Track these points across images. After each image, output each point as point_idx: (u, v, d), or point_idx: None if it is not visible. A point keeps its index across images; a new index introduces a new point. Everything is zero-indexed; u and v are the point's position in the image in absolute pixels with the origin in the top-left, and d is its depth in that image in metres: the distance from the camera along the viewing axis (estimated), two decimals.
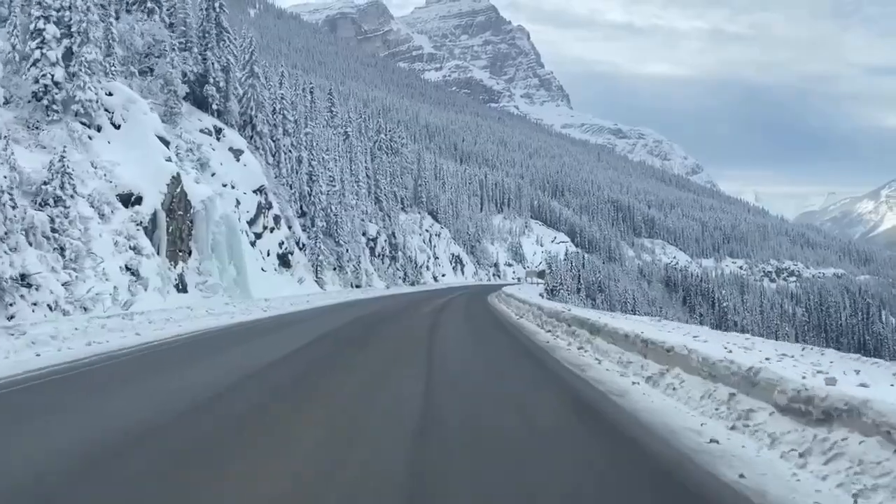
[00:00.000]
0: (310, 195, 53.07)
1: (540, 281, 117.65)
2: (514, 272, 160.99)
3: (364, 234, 71.70)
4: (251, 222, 41.68)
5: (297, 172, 52.91)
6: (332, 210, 55.56)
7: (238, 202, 40.30)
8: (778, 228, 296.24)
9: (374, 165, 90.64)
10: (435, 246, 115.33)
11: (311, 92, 76.32)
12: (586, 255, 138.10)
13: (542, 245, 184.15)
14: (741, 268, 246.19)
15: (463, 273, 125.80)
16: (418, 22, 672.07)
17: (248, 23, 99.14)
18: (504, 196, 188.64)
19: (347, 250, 57.35)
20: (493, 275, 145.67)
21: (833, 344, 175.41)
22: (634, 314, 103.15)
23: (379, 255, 78.00)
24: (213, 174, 38.57)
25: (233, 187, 40.97)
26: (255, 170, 43.46)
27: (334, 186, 59.60)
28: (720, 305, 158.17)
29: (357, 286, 56.93)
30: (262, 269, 40.18)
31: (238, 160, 42.95)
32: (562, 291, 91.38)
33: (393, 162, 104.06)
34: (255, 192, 42.82)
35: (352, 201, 69.52)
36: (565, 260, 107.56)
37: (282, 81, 56.35)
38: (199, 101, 44.33)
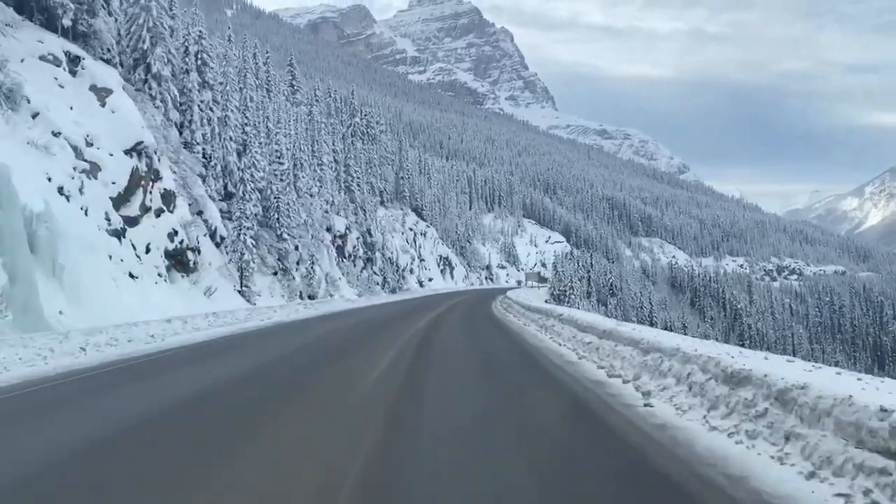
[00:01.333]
0: (239, 171, 36.87)
1: (540, 284, 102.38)
2: (507, 274, 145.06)
3: (329, 230, 55.62)
4: (119, 200, 25.53)
5: (218, 138, 36.75)
6: (273, 193, 39.41)
7: (91, 169, 24.17)
8: (775, 225, 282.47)
9: (345, 148, 74.64)
10: (420, 246, 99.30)
11: (262, 56, 60.29)
12: (592, 255, 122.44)
13: (536, 245, 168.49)
14: (741, 266, 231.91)
15: (452, 277, 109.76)
16: (401, 25, 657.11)
17: (223, 23, 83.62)
18: (494, 194, 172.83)
19: (298, 248, 41.24)
20: (486, 278, 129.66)
21: (849, 346, 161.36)
22: (652, 324, 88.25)
23: (350, 257, 61.87)
24: (34, 115, 22.41)
25: (90, 144, 24.90)
26: (129, 119, 27.23)
27: (282, 164, 43.54)
28: (732, 308, 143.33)
29: (312, 297, 40.76)
30: (132, 276, 24.00)
31: (103, 105, 26.81)
32: (571, 296, 75.59)
33: (370, 150, 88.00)
34: (128, 153, 26.64)
35: (311, 187, 53.49)
36: (569, 260, 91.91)
37: (228, 37, 40.12)
38: (50, 18, 28.17)
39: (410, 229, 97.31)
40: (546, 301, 64.44)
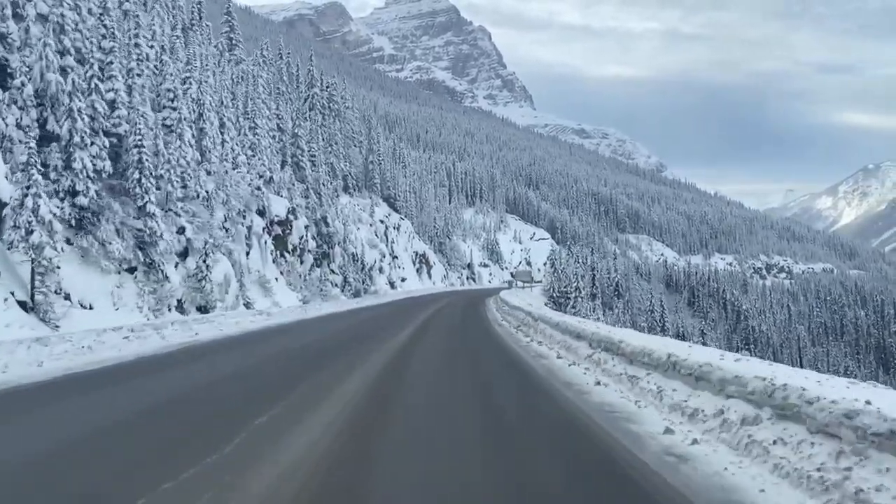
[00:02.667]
0: (70, 98, 21.59)
1: (533, 284, 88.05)
2: (490, 274, 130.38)
3: (262, 213, 40.39)
4: None
5: (40, 45, 21.50)
6: (139, 142, 24.13)
7: None
8: (762, 222, 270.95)
9: (296, 118, 59.51)
10: (393, 241, 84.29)
11: None
12: (593, 251, 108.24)
13: (520, 242, 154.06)
14: (730, 264, 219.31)
15: (430, 276, 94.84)
16: (378, 23, 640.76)
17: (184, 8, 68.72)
18: (475, 187, 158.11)
19: (186, 231, 26.10)
20: (468, 278, 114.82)
21: (852, 347, 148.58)
22: (664, 330, 74.19)
23: (295, 251, 46.69)
24: None
25: None
26: None
27: (175, 110, 28.40)
28: (733, 308, 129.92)
29: (204, 308, 25.54)
30: None
31: None
32: (577, 299, 61.03)
33: (331, 126, 72.91)
34: None
35: (237, 154, 38.35)
36: (569, 256, 77.52)
37: None
38: None
39: (381, 221, 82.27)
40: (546, 305, 50.13)
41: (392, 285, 71.73)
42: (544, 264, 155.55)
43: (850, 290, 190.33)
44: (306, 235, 48.96)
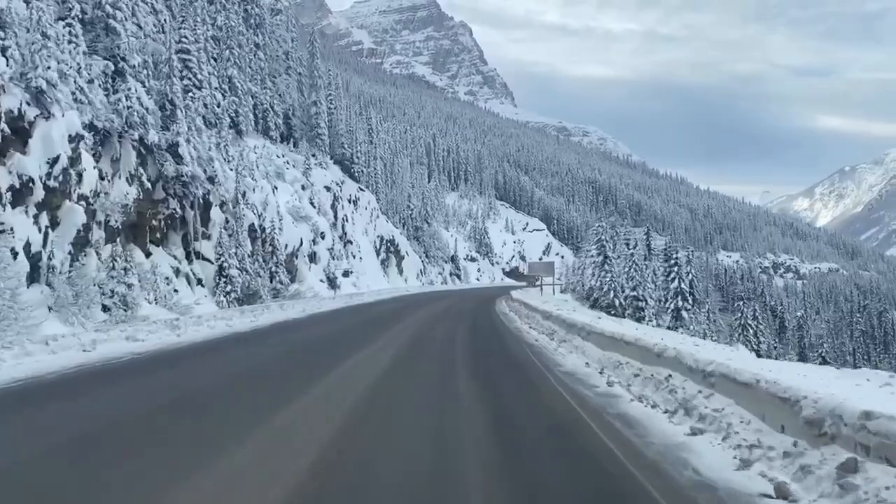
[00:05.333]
0: None
1: (541, 282, 59.22)
2: (479, 270, 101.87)
3: None
4: None
5: None
6: None
7: None
8: (766, 218, 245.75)
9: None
10: (346, 220, 55.67)
11: None
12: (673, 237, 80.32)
13: (513, 233, 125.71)
14: (737, 262, 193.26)
15: (400, 271, 66.26)
16: (358, 17, 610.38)
17: None
18: (459, 168, 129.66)
19: None
20: (452, 274, 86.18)
21: None
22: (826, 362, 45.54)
23: (100, 224, 17.98)
24: None
25: None
26: None
27: None
28: (777, 314, 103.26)
29: None
30: None
31: None
32: (649, 309, 32.81)
33: (231, 27, 44.27)
34: None
35: None
36: (636, 248, 50.20)
37: None
38: None
39: (327, 189, 53.49)
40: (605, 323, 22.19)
41: (333, 283, 42.78)
42: (539, 259, 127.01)
43: (869, 292, 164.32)
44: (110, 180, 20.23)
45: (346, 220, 56.06)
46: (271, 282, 33.62)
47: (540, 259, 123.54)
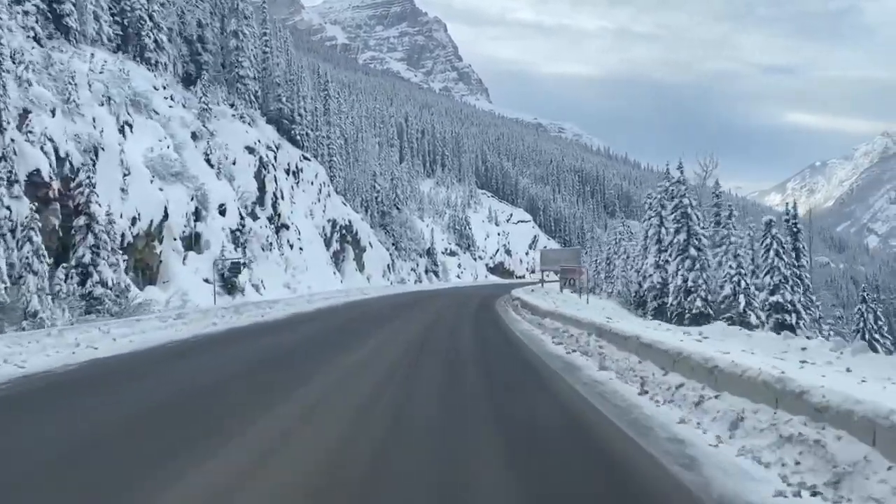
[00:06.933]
0: None
1: (566, 274, 43.65)
2: (460, 266, 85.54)
3: None
4: None
5: None
6: None
7: None
8: (752, 209, 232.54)
9: None
10: (279, 195, 39.02)
11: None
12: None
13: (497, 224, 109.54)
14: None
15: (361, 268, 49.77)
16: (331, 12, 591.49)
17: None
18: (436, 152, 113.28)
19: None
20: (428, 271, 69.78)
21: None
22: None
23: None
24: None
25: None
26: None
27: None
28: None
29: None
30: None
31: None
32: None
33: None
34: None
35: None
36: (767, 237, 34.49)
37: None
38: None
39: (249, 149, 36.79)
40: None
41: (231, 284, 26.00)
42: (526, 253, 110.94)
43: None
44: None
45: (281, 197, 39.42)
46: (84, 283, 17.10)
47: (528, 252, 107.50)
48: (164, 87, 30.32)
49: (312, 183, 45.73)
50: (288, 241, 38.77)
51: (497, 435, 6.01)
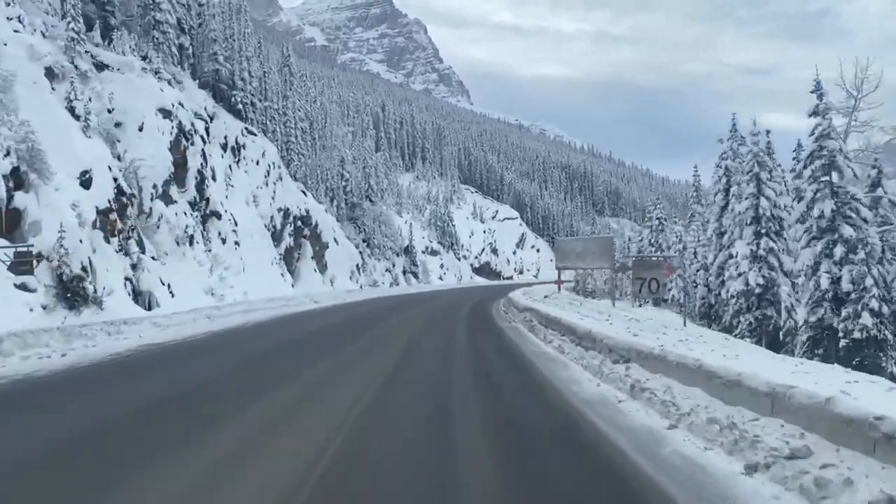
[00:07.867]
0: None
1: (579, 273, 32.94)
2: (443, 267, 76.39)
3: None
4: None
5: None
6: None
7: None
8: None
9: None
10: (209, 176, 29.60)
11: None
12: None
13: (482, 221, 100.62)
14: None
15: (323, 269, 40.42)
16: (309, 14, 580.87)
17: None
18: (416, 144, 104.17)
19: None
20: (406, 272, 60.57)
21: None
22: None
23: None
24: None
25: None
26: None
27: None
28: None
29: None
30: None
31: None
32: None
33: None
34: None
35: None
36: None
37: None
38: None
39: (165, 112, 27.38)
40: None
41: (80, 297, 16.61)
42: (514, 252, 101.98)
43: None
44: None
45: (212, 178, 30.09)
46: None
47: (516, 252, 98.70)
48: (13, 3, 21.01)
49: (258, 163, 36.46)
50: (219, 233, 29.45)
51: None
